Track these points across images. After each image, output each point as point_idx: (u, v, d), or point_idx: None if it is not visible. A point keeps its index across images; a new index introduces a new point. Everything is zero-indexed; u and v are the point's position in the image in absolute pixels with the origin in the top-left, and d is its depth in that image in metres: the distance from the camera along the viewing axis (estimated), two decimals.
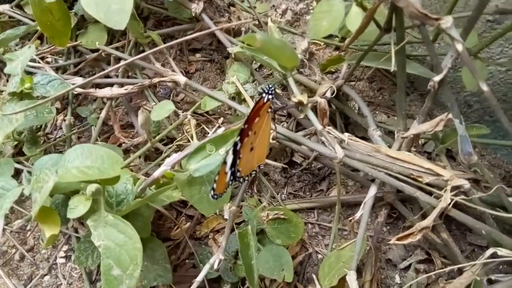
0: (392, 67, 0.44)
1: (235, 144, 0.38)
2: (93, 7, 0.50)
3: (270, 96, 0.42)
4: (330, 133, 0.48)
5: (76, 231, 0.59)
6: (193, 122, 0.52)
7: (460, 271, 0.49)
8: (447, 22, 0.40)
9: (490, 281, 0.47)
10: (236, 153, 0.39)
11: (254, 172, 0.44)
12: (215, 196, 0.40)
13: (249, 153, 0.42)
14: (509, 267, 0.50)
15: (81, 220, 0.59)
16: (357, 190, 0.61)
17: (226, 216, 0.48)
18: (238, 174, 0.41)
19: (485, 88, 0.40)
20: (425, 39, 0.43)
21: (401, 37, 0.45)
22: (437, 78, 0.44)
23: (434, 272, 0.48)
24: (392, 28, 0.46)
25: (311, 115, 0.48)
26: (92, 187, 0.38)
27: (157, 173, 0.41)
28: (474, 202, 0.45)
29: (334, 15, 0.44)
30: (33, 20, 0.71)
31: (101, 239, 0.39)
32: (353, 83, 0.69)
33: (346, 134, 0.48)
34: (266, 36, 0.42)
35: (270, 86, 0.42)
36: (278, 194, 0.62)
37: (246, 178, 0.43)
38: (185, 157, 0.43)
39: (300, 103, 0.48)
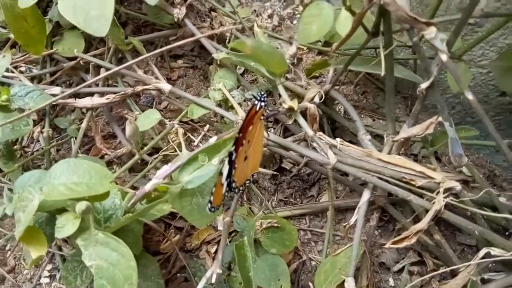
0: (383, 71, 0.44)
1: (230, 154, 0.37)
2: (71, 13, 0.48)
3: (262, 104, 0.41)
4: (321, 139, 0.48)
5: (59, 249, 0.56)
6: (181, 131, 0.51)
7: (453, 272, 0.49)
8: (431, 32, 0.40)
9: (483, 281, 0.48)
10: (231, 163, 0.38)
11: (248, 181, 0.43)
12: (212, 209, 0.38)
13: (243, 162, 0.41)
14: (500, 265, 0.51)
15: (65, 238, 0.56)
16: (347, 195, 0.60)
17: (220, 228, 0.47)
18: (233, 184, 0.40)
19: (470, 97, 0.40)
20: (414, 43, 0.43)
21: (389, 41, 0.46)
22: (424, 85, 0.44)
23: (430, 275, 0.48)
24: (380, 32, 0.46)
25: (301, 121, 0.48)
26: (82, 205, 0.36)
27: (148, 187, 0.40)
28: (466, 203, 0.45)
29: (324, 19, 0.43)
30: (4, 27, 0.68)
31: (93, 258, 0.37)
32: (337, 87, 0.69)
33: (338, 139, 0.48)
34: (256, 42, 0.42)
35: (262, 93, 0.41)
36: (268, 201, 0.61)
37: (241, 188, 0.42)
38: (176, 169, 0.42)
39: (290, 109, 0.47)
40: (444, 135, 0.48)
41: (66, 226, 0.38)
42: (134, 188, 0.59)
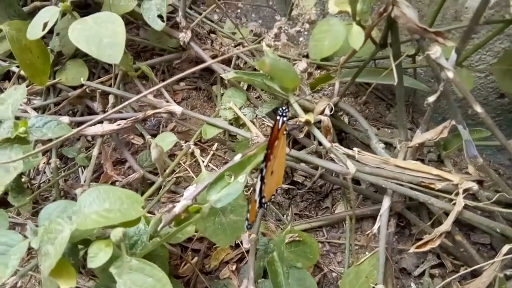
0: (396, 80, 0.45)
1: (261, 170, 0.38)
2: (83, 42, 0.49)
3: (284, 118, 0.42)
4: (338, 149, 0.49)
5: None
6: (198, 151, 0.51)
7: (474, 272, 0.50)
8: (436, 52, 0.42)
9: (506, 277, 0.49)
10: (263, 179, 0.38)
11: (273, 196, 0.44)
12: (249, 226, 0.39)
13: (270, 177, 0.41)
14: None
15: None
16: (361, 203, 0.61)
17: (246, 245, 0.47)
18: (263, 200, 0.40)
19: (479, 109, 0.42)
20: (425, 56, 0.44)
21: (397, 51, 0.47)
22: (432, 98, 0.46)
23: (453, 277, 0.49)
24: (388, 44, 0.48)
25: (317, 133, 0.49)
26: (119, 232, 0.35)
27: (178, 209, 0.40)
28: (484, 203, 0.47)
29: (335, 35, 0.45)
30: (3, 60, 0.67)
31: (128, 286, 0.36)
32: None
33: (356, 149, 0.49)
34: (274, 61, 0.43)
35: (284, 108, 0.42)
36: (284, 216, 0.61)
37: (269, 203, 0.43)
38: (204, 189, 0.42)
39: (307, 123, 0.48)
40: (456, 138, 0.50)
41: (98, 255, 0.37)
42: (149, 213, 0.59)
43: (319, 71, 0.74)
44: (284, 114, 0.42)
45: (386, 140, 0.62)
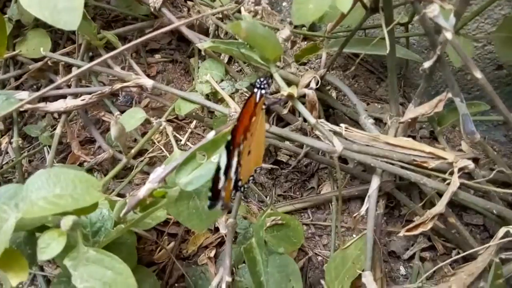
0: (388, 49, 0.41)
1: (228, 144, 0.33)
2: (35, 6, 0.43)
3: (263, 91, 0.37)
4: (324, 126, 0.45)
5: (41, 269, 0.51)
6: (170, 129, 0.46)
7: (467, 255, 0.47)
8: (434, 10, 0.38)
9: (501, 261, 0.46)
10: (229, 154, 0.33)
11: (252, 178, 0.40)
12: (223, 207, 0.34)
13: (247, 157, 0.37)
14: None
15: None
16: (348, 183, 0.57)
17: (222, 231, 0.43)
18: (239, 183, 0.36)
19: (479, 75, 0.38)
20: (420, 17, 0.40)
21: (389, 16, 0.43)
22: (427, 64, 0.42)
23: (448, 261, 0.46)
24: (380, 8, 0.43)
25: (301, 108, 0.44)
26: (68, 220, 0.31)
27: (142, 192, 0.35)
28: (480, 182, 0.43)
29: None
30: None
31: (85, 279, 0.32)
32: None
33: (343, 125, 0.44)
34: (251, 25, 0.37)
35: (262, 79, 0.37)
36: (267, 197, 0.57)
37: (246, 185, 0.38)
38: (172, 170, 0.37)
39: (289, 96, 0.43)
40: (452, 112, 0.46)
41: (50, 245, 0.33)
42: (120, 196, 0.55)
43: (305, 42, 0.69)
44: (262, 86, 0.37)
45: (376, 116, 0.58)
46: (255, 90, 0.37)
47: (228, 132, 0.36)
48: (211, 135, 0.38)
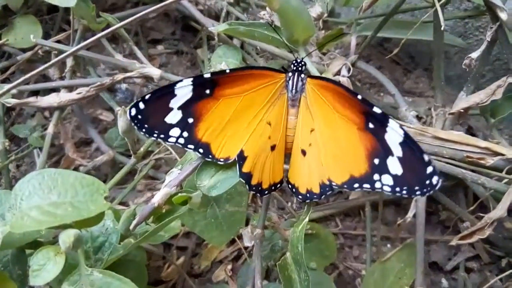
0: (442, 26, 0.35)
1: None
2: None
3: (302, 75, 0.31)
4: None
5: None
6: None
7: None
8: None
9: None
10: None
11: (279, 183, 0.33)
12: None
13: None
14: None
15: None
16: None
17: (247, 243, 0.36)
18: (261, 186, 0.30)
19: None
20: None
21: None
22: (475, 54, 0.36)
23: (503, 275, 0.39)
24: None
25: None
26: (69, 236, 0.24)
27: (157, 199, 0.28)
28: None
29: None
30: None
31: None
32: None
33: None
34: None
35: (299, 60, 0.31)
36: (288, 203, 0.50)
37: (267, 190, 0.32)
38: (193, 172, 0.31)
39: None
40: (510, 100, 0.40)
41: (45, 267, 0.26)
42: (122, 205, 0.48)
43: (323, 31, 0.63)
44: (300, 68, 0.31)
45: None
46: (290, 74, 0.31)
47: None
48: None
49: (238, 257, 0.48)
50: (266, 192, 0.30)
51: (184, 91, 0.28)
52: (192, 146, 0.29)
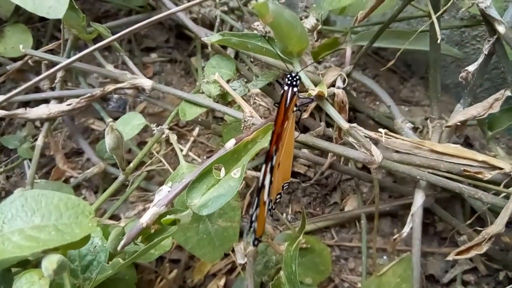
0: (439, 38, 0.34)
1: (269, 157, 0.26)
2: None
3: (295, 89, 0.30)
4: (359, 132, 0.38)
5: None
6: (174, 138, 0.39)
7: None
8: (485, 0, 0.33)
9: None
10: (272, 170, 0.26)
11: (279, 196, 0.32)
12: (257, 242, 0.27)
13: (277, 170, 0.30)
14: None
15: None
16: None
17: (240, 261, 0.35)
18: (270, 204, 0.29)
19: None
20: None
21: (435, 2, 0.36)
22: (472, 67, 0.36)
23: None
24: None
25: (332, 111, 0.37)
26: (52, 263, 0.23)
27: (146, 219, 0.28)
28: None
29: None
30: None
31: None
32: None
33: (382, 130, 0.37)
34: (278, 7, 0.31)
35: (293, 74, 0.31)
36: (282, 214, 0.50)
37: (275, 204, 0.31)
38: (184, 189, 0.30)
39: (319, 97, 0.36)
40: (507, 113, 0.39)
41: None
42: (113, 217, 0.47)
43: (318, 40, 0.62)
44: (294, 82, 0.30)
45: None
46: (285, 88, 0.30)
47: (256, 141, 0.29)
48: (230, 144, 0.31)
49: (232, 270, 0.47)
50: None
51: None
52: None
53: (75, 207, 0.25)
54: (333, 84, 0.43)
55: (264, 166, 0.26)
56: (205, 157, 0.54)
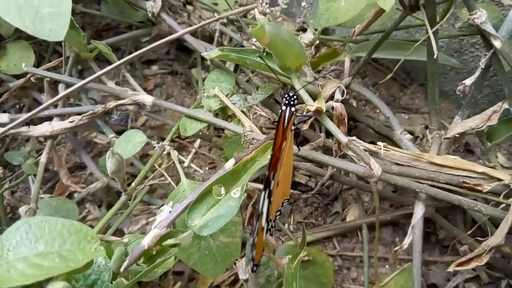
0: (435, 52, 0.34)
1: (267, 184, 0.27)
2: (14, 13, 0.36)
3: (293, 109, 0.30)
4: (356, 145, 0.38)
5: None
6: (175, 154, 0.39)
7: None
8: (481, 16, 0.33)
9: None
10: (270, 196, 0.27)
11: (278, 213, 0.33)
12: (255, 268, 0.27)
13: (276, 190, 0.30)
14: None
15: None
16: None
17: (242, 276, 0.36)
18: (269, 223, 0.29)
19: None
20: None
21: (432, 15, 0.36)
22: (469, 81, 0.36)
23: None
24: (421, 6, 0.37)
25: (331, 125, 0.37)
26: None
27: (147, 241, 0.28)
28: None
29: None
30: None
31: None
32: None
33: (381, 143, 0.38)
34: (274, 28, 0.31)
35: (291, 93, 0.31)
36: (284, 225, 0.50)
37: (273, 223, 0.32)
38: (184, 210, 0.30)
39: (318, 112, 0.37)
40: (507, 125, 0.39)
41: None
42: (116, 231, 0.47)
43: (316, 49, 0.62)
44: (292, 102, 0.30)
45: (406, 128, 0.51)
46: (283, 107, 0.31)
47: (255, 160, 0.30)
48: (229, 164, 0.31)
49: (235, 281, 0.48)
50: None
51: None
52: None
53: (78, 232, 0.26)
54: (332, 96, 0.44)
55: (263, 193, 0.27)
56: (207, 168, 0.55)
